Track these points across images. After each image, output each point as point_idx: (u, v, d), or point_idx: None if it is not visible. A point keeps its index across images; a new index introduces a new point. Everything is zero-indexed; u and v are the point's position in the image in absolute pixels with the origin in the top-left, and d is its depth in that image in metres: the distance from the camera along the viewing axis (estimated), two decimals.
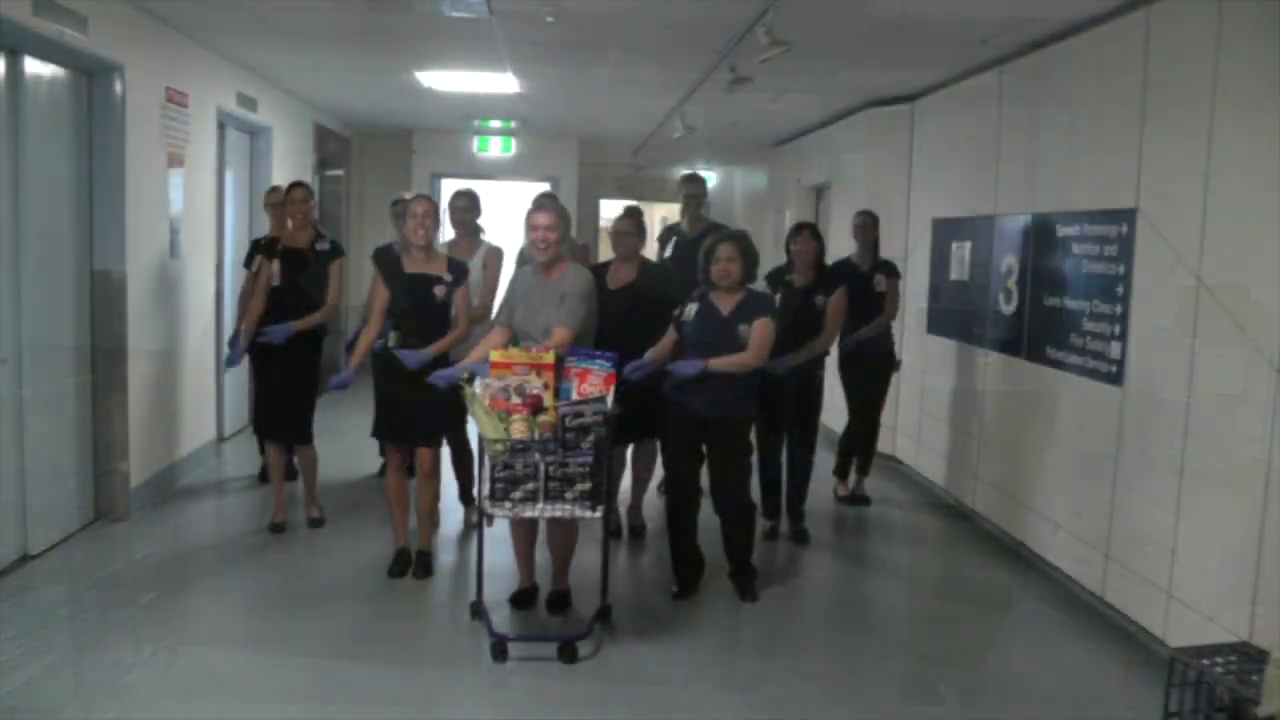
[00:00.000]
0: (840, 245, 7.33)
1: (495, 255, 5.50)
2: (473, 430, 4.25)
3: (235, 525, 5.39)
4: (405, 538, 4.72)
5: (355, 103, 8.88)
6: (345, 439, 6.77)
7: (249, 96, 7.13)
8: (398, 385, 4.44)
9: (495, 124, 10.34)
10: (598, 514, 3.82)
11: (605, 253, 11.17)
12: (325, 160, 9.55)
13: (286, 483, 5.47)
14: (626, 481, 5.59)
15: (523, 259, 5.81)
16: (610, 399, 3.88)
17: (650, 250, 5.46)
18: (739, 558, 4.58)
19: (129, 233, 5.15)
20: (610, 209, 12.51)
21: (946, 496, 6.34)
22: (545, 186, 10.81)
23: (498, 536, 4.58)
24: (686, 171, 6.34)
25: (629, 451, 5.46)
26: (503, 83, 7.34)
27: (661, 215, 12.59)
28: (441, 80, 7.32)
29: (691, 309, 4.38)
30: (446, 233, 5.57)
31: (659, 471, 5.91)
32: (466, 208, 5.47)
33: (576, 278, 4.27)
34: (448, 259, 4.65)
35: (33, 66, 4.55)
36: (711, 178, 12.75)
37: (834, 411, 6.55)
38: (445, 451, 4.89)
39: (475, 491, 4.94)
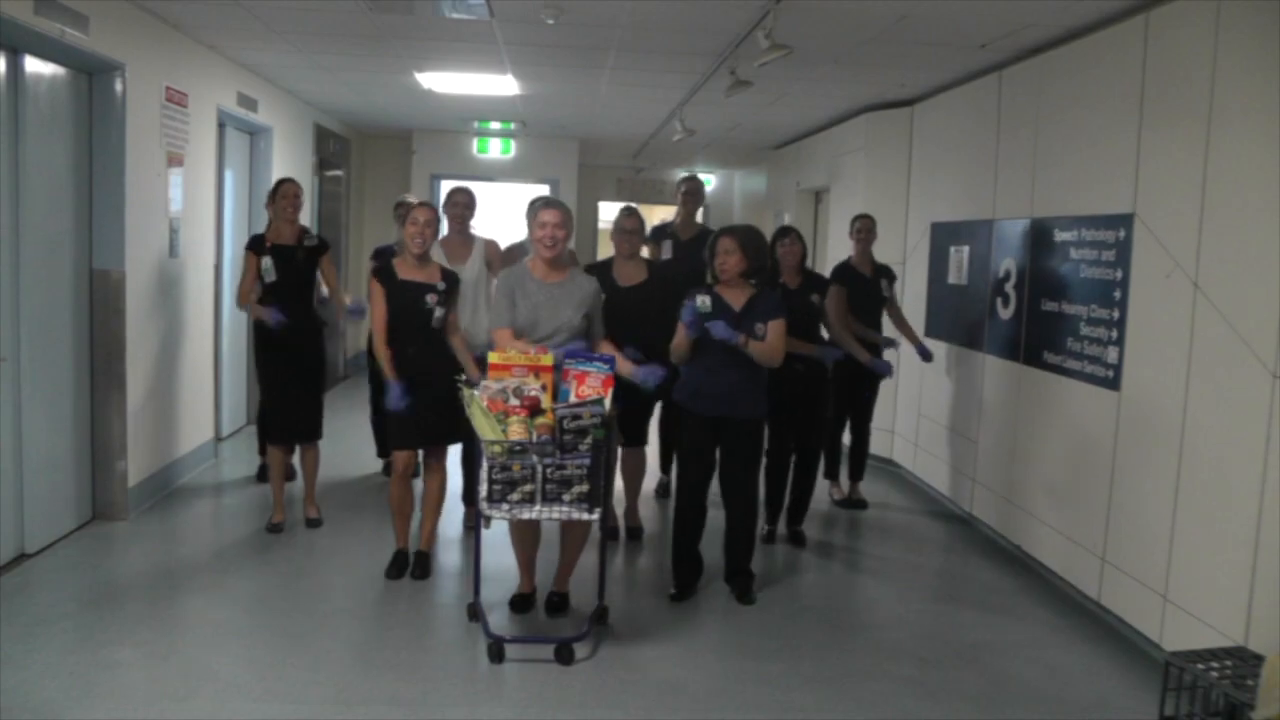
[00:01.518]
0: (840, 248, 7.34)
1: (495, 247, 5.50)
2: None
3: (233, 525, 5.38)
4: (405, 540, 4.73)
5: (355, 103, 8.89)
6: (345, 439, 6.78)
7: (249, 96, 7.14)
8: (418, 392, 4.44)
9: (495, 125, 10.34)
10: (595, 516, 3.83)
11: (602, 253, 11.14)
12: (325, 160, 9.55)
13: (285, 483, 5.48)
14: (619, 485, 5.58)
15: (511, 256, 5.81)
16: (608, 401, 3.89)
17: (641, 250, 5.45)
18: (740, 560, 4.59)
19: (128, 232, 5.15)
20: (609, 211, 12.53)
21: (944, 500, 6.35)
22: (545, 188, 10.82)
23: (496, 538, 4.58)
24: (685, 174, 6.34)
25: (618, 458, 5.45)
26: (503, 84, 7.35)
27: (660, 217, 12.60)
28: (442, 82, 7.32)
29: (704, 301, 4.33)
30: (442, 228, 5.56)
31: (656, 473, 5.93)
32: (466, 204, 5.47)
33: (590, 283, 4.31)
34: (441, 269, 4.66)
35: (33, 65, 4.55)
36: (711, 181, 12.78)
37: None
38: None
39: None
